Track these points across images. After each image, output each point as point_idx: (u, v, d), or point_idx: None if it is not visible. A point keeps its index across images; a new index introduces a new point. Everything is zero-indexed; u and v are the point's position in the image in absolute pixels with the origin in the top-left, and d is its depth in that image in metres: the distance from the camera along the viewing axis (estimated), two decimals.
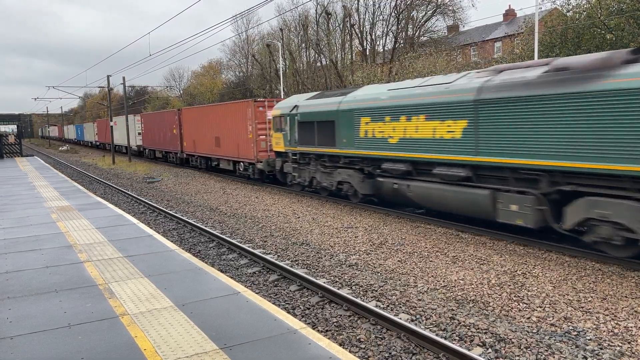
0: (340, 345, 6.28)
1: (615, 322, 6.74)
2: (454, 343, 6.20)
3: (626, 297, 7.60)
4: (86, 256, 8.46)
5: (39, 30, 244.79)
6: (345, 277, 8.92)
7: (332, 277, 8.98)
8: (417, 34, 46.26)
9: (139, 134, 41.53)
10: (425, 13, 45.62)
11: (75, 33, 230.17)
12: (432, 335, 6.18)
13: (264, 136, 21.07)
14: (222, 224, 14.19)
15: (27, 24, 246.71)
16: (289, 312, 7.34)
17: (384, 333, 6.60)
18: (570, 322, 6.78)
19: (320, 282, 8.43)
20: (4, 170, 27.06)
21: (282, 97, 36.51)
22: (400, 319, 6.87)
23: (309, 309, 7.60)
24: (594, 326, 6.64)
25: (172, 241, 11.18)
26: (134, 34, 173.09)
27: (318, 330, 6.70)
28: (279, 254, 10.71)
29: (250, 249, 10.66)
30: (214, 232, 12.56)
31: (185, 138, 30.16)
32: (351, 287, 8.43)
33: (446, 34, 50.15)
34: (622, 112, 8.22)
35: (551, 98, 9.25)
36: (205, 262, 10.05)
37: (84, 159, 45.80)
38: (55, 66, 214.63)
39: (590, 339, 6.28)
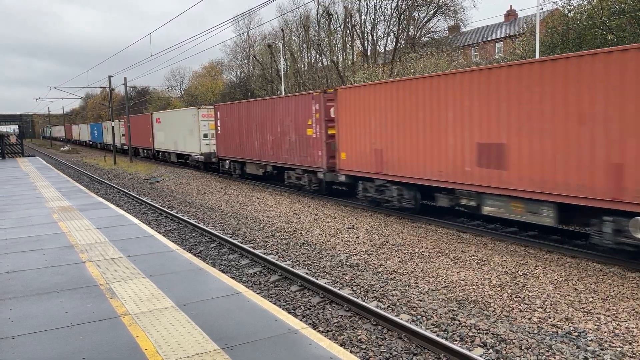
0: (341, 345, 6.28)
1: (617, 322, 6.73)
2: (454, 344, 6.20)
3: (627, 297, 7.59)
4: (87, 256, 8.47)
5: (39, 30, 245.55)
6: (346, 278, 8.92)
7: (333, 278, 8.99)
8: (418, 34, 46.27)
9: (204, 136, 27.36)
10: (427, 13, 45.68)
11: (75, 33, 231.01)
12: (433, 336, 6.18)
13: None
14: (223, 224, 14.19)
15: (27, 24, 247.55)
16: (289, 313, 7.34)
17: (385, 333, 6.60)
18: (571, 323, 6.78)
19: (321, 282, 8.43)
20: (6, 171, 27.09)
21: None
22: (401, 319, 6.87)
23: (309, 309, 7.60)
24: (595, 327, 6.64)
25: (173, 241, 11.19)
26: (134, 34, 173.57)
27: (319, 331, 6.70)
28: (280, 255, 10.72)
29: (251, 250, 10.67)
30: (215, 232, 12.57)
31: (344, 144, 15.84)
32: (352, 288, 8.43)
33: (447, 34, 50.16)
34: None
35: None
36: (207, 263, 10.06)
37: (85, 159, 45.84)
38: (55, 66, 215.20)
39: (591, 340, 6.28)
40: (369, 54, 46.16)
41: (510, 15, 52.23)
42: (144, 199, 18.71)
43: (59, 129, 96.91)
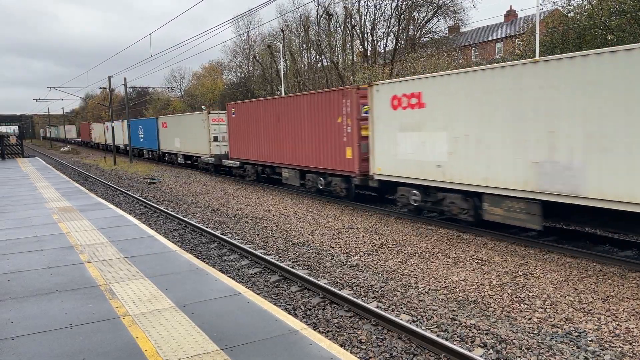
0: (341, 346, 6.28)
1: (617, 323, 6.73)
2: (455, 344, 6.20)
3: (627, 298, 7.59)
4: (87, 257, 8.47)
5: (38, 31, 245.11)
6: (346, 278, 8.92)
7: (333, 278, 8.98)
8: (418, 34, 46.25)
9: None
10: (427, 14, 45.65)
11: (75, 33, 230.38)
12: (433, 336, 6.18)
13: None
14: (223, 224, 14.19)
15: (27, 24, 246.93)
16: (289, 313, 7.34)
17: (385, 334, 6.60)
18: (572, 323, 6.78)
19: (321, 283, 8.43)
20: (6, 171, 27.09)
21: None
22: (401, 319, 6.87)
23: (310, 309, 7.60)
24: (595, 327, 6.63)
25: (173, 242, 11.19)
26: (134, 34, 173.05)
27: (319, 331, 6.70)
28: (280, 255, 10.72)
29: (251, 250, 10.66)
30: (215, 233, 12.57)
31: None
32: (352, 288, 8.43)
33: (447, 34, 50.16)
34: None
35: None
36: (207, 263, 10.05)
37: (85, 160, 45.84)
38: (55, 67, 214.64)
39: (591, 340, 6.28)
40: (368, 54, 46.13)
41: (510, 15, 52.26)
42: (144, 200, 18.71)
43: (68, 128, 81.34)
